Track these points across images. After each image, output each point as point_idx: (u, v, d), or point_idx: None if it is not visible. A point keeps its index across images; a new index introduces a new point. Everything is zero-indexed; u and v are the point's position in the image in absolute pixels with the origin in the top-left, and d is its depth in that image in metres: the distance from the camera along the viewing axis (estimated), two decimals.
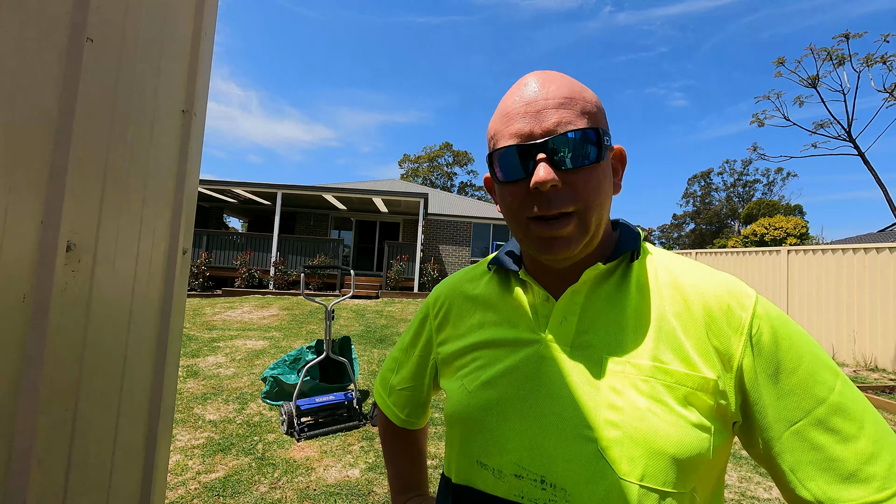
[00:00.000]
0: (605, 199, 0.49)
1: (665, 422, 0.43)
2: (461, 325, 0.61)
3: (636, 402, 0.45)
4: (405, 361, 0.70)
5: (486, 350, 0.55)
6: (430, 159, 49.92)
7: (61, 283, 0.62)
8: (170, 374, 0.98)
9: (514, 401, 0.50)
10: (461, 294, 0.63)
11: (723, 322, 0.46)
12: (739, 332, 0.45)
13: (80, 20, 0.62)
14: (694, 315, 0.47)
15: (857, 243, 7.57)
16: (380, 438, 0.78)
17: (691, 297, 0.49)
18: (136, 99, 0.78)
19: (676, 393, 0.44)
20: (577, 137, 0.46)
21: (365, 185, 19.09)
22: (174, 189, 0.95)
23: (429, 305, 0.68)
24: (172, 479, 2.42)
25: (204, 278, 11.13)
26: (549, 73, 0.50)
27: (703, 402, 0.44)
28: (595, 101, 0.50)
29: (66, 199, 0.61)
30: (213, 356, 5.05)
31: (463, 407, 0.54)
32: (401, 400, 0.70)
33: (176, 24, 0.90)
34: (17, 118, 0.54)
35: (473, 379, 0.54)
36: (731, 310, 0.46)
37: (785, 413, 0.43)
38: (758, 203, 38.25)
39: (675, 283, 0.51)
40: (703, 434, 0.43)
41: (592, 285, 0.52)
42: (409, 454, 0.75)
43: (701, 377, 0.44)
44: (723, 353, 0.45)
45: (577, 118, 0.47)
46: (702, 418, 0.44)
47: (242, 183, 12.34)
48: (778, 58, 8.87)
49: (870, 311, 5.89)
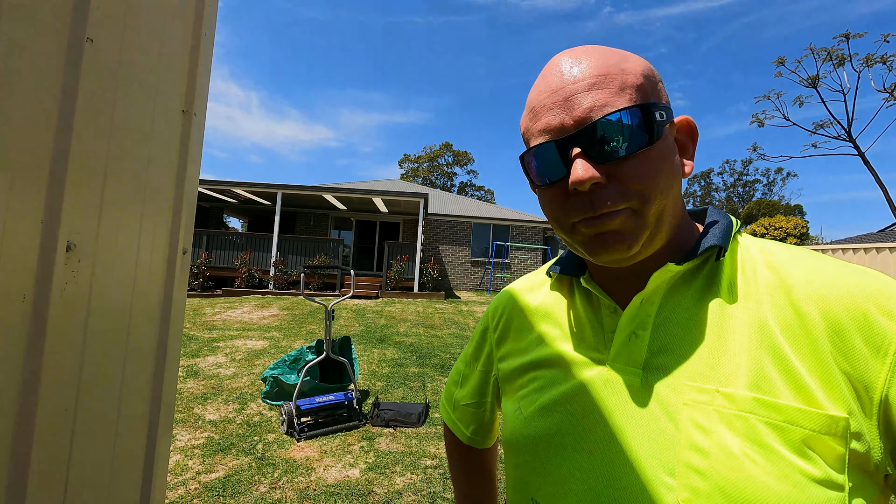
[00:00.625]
0: (667, 185, 0.40)
1: (768, 473, 0.33)
2: (521, 340, 0.54)
3: (728, 444, 0.34)
4: (469, 375, 0.63)
5: (545, 370, 0.48)
6: (430, 159, 49.93)
7: (61, 283, 0.62)
8: (170, 375, 0.98)
9: (575, 433, 0.43)
10: (521, 305, 0.56)
11: (855, 336, 0.34)
12: (884, 350, 0.33)
13: (80, 20, 0.62)
14: (809, 328, 0.36)
15: (857, 243, 7.57)
16: (447, 454, 0.71)
17: (806, 303, 0.37)
18: (136, 99, 0.78)
19: (788, 436, 0.33)
20: (616, 121, 0.38)
21: (365, 185, 19.09)
22: (174, 189, 0.95)
23: (488, 317, 0.61)
24: (172, 479, 2.42)
25: (204, 278, 11.12)
26: (581, 50, 0.42)
27: (831, 450, 0.33)
28: (640, 71, 0.41)
29: (66, 199, 0.61)
30: (213, 356, 5.04)
31: (518, 434, 0.48)
32: (466, 416, 0.64)
33: (176, 24, 0.90)
34: (16, 118, 0.54)
35: (530, 402, 0.48)
36: (870, 318, 0.34)
37: None
38: (758, 203, 38.26)
39: (783, 282, 0.39)
40: (829, 492, 0.32)
41: (667, 292, 0.43)
42: (477, 474, 0.68)
43: (824, 415, 0.33)
44: (856, 381, 0.34)
45: (615, 97, 0.39)
46: (829, 471, 0.32)
47: (242, 183, 12.33)
48: (778, 58, 8.88)
49: None
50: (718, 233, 0.43)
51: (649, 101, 0.40)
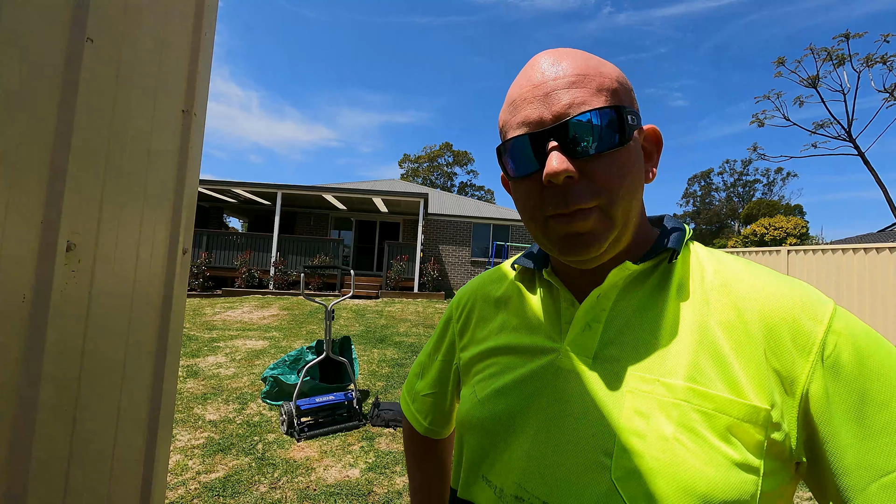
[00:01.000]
0: (633, 187, 0.42)
1: (695, 456, 0.36)
2: (482, 329, 0.56)
3: (663, 429, 0.38)
4: (429, 366, 0.66)
5: (502, 356, 0.50)
6: (430, 159, 49.93)
7: (61, 283, 0.62)
8: (170, 374, 0.98)
9: (525, 415, 0.45)
10: (484, 296, 0.59)
11: (786, 338, 0.38)
12: (808, 350, 0.37)
13: (80, 20, 0.62)
14: (748, 329, 0.39)
15: (857, 243, 7.57)
16: (404, 448, 0.74)
17: (746, 307, 0.40)
18: (136, 99, 0.78)
19: (715, 422, 0.37)
20: (593, 119, 0.40)
21: (365, 185, 19.09)
22: (174, 189, 0.95)
23: (452, 308, 0.64)
24: (172, 479, 2.42)
25: (204, 278, 11.12)
26: (561, 50, 0.44)
27: (751, 437, 0.36)
28: (616, 76, 0.43)
29: (66, 199, 0.61)
30: (213, 356, 5.04)
31: (471, 416, 0.50)
32: (424, 406, 0.66)
33: (176, 23, 0.90)
34: (17, 118, 0.54)
35: (485, 387, 0.50)
36: (799, 323, 0.38)
37: (872, 458, 0.34)
38: (758, 203, 38.27)
39: (727, 288, 0.42)
40: (746, 475, 0.35)
41: (623, 289, 0.45)
42: (432, 465, 0.71)
43: (748, 405, 0.37)
44: (784, 377, 0.37)
45: (592, 97, 0.40)
46: (747, 455, 0.36)
47: (242, 183, 12.33)
48: (778, 58, 8.88)
49: (870, 311, 5.88)
50: (674, 238, 0.46)
51: (623, 105, 0.42)
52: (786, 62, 8.87)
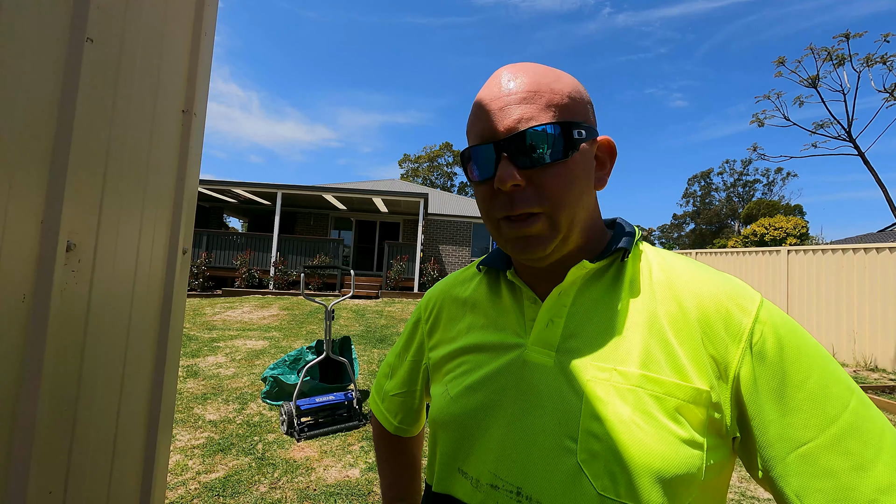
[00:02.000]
0: (578, 196, 0.46)
1: (650, 436, 0.40)
2: (451, 329, 0.59)
3: (620, 412, 0.41)
4: (398, 366, 0.68)
5: (472, 355, 0.53)
6: (430, 159, 49.95)
7: (61, 283, 0.62)
8: (170, 374, 0.98)
9: (496, 408, 0.48)
10: (452, 297, 0.62)
11: (720, 327, 0.42)
12: (738, 338, 0.41)
13: (80, 20, 0.62)
14: (688, 319, 0.44)
15: (857, 243, 7.57)
16: (374, 446, 0.76)
17: (686, 299, 0.45)
18: (136, 99, 0.78)
19: (665, 405, 0.41)
20: (539, 134, 0.44)
21: (365, 185, 19.09)
22: (174, 189, 0.95)
23: (420, 309, 0.66)
24: (172, 479, 2.42)
25: (204, 278, 11.13)
26: (519, 66, 0.48)
27: (695, 416, 0.41)
28: (567, 92, 0.47)
29: (66, 199, 0.61)
30: (213, 356, 5.05)
31: (444, 412, 0.52)
32: (394, 406, 0.68)
33: (176, 24, 0.90)
34: (17, 118, 0.54)
35: (457, 384, 0.52)
36: (730, 314, 0.43)
37: (790, 432, 0.39)
38: (758, 203, 38.27)
39: (670, 283, 0.47)
40: (693, 451, 0.40)
41: (581, 286, 0.49)
42: (403, 463, 0.73)
43: (693, 388, 0.41)
44: (719, 362, 0.42)
45: (540, 112, 0.45)
46: (693, 433, 0.40)
47: (242, 183, 12.33)
48: (778, 57, 8.87)
49: (870, 311, 5.89)
50: (625, 239, 0.51)
51: (570, 120, 0.46)
52: (786, 62, 8.87)
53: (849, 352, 6.08)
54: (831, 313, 6.37)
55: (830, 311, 6.38)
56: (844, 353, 6.13)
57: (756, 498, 2.44)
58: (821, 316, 6.52)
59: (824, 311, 6.47)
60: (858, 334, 5.99)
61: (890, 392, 4.53)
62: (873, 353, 5.80)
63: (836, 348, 6.25)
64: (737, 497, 2.45)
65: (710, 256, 9.06)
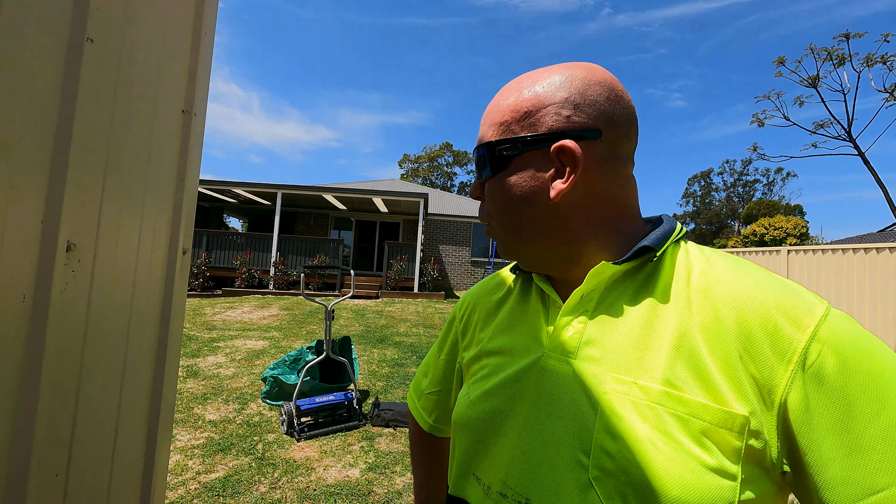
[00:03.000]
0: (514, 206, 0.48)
1: (668, 459, 0.36)
2: (481, 331, 0.58)
3: (637, 430, 0.38)
4: (433, 365, 0.69)
5: (493, 358, 0.52)
6: (430, 159, 49.93)
7: (61, 283, 0.62)
8: (170, 375, 0.98)
9: (511, 414, 0.47)
10: (484, 299, 0.62)
11: (764, 343, 0.37)
12: (787, 357, 0.36)
13: (80, 20, 0.62)
14: (725, 331, 0.39)
15: (857, 243, 7.56)
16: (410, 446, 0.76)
17: (723, 308, 0.40)
18: (136, 99, 0.78)
19: (689, 426, 0.37)
20: (478, 153, 0.50)
21: (365, 185, 19.09)
22: (174, 189, 0.95)
23: (456, 310, 0.67)
24: (172, 479, 2.42)
25: (204, 278, 11.12)
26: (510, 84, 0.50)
27: (727, 442, 0.36)
28: (514, 107, 0.47)
29: (66, 199, 0.61)
30: (213, 356, 5.04)
31: (463, 415, 0.51)
32: (429, 404, 0.68)
33: (176, 24, 0.90)
34: (17, 118, 0.54)
35: (477, 388, 0.52)
36: (778, 328, 0.37)
37: (859, 474, 0.33)
38: (758, 203, 38.24)
39: (709, 289, 0.42)
40: (722, 481, 0.35)
41: (605, 290, 0.46)
42: (435, 463, 0.72)
43: (724, 411, 0.36)
44: (761, 384, 0.36)
45: (489, 131, 0.49)
46: (723, 461, 0.35)
47: (242, 183, 12.33)
48: (778, 57, 8.88)
49: (870, 312, 5.88)
50: (654, 236, 0.46)
51: (501, 138, 0.48)
52: (786, 62, 8.87)
53: None
54: None
55: None
56: None
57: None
58: None
59: None
60: None
61: None
62: None
63: None
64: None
65: None
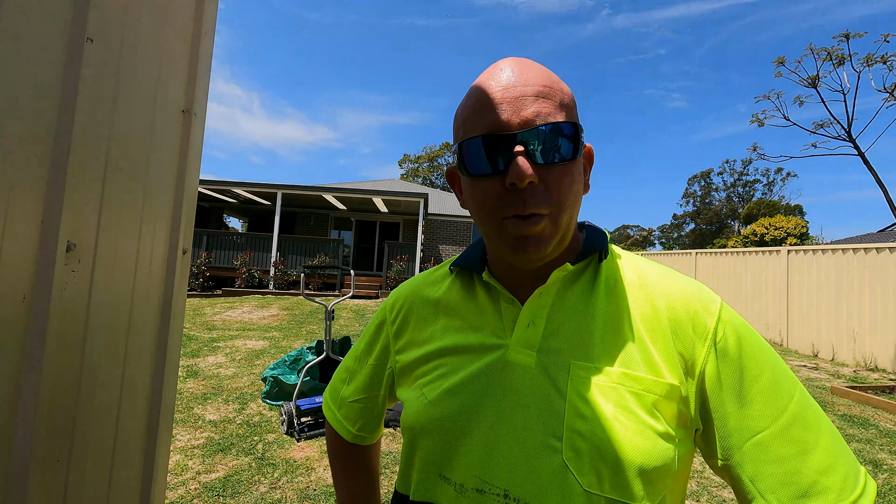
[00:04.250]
0: (577, 198, 0.47)
1: (631, 431, 0.42)
2: (422, 332, 0.56)
3: (603, 409, 0.43)
4: (358, 371, 0.64)
5: (449, 357, 0.52)
6: (430, 159, 49.94)
7: (61, 283, 0.62)
8: (170, 375, 0.98)
9: (478, 410, 0.47)
10: (421, 298, 0.59)
11: (688, 326, 0.45)
12: (704, 336, 0.44)
13: (80, 20, 0.62)
14: (660, 319, 0.46)
15: (857, 243, 7.56)
16: (328, 457, 0.71)
17: (658, 300, 0.47)
18: (136, 99, 0.78)
19: (644, 401, 0.43)
20: (556, 131, 0.42)
21: (365, 185, 19.09)
22: (174, 189, 0.95)
23: (385, 310, 0.63)
24: (172, 479, 2.42)
25: (204, 278, 11.12)
26: (526, 60, 0.47)
27: (669, 410, 0.43)
28: (571, 95, 0.47)
29: (66, 199, 0.61)
30: (213, 356, 5.04)
31: (423, 418, 0.50)
32: (352, 413, 0.64)
33: (176, 24, 0.90)
34: (17, 118, 0.54)
35: (434, 388, 0.50)
36: (697, 314, 0.45)
37: (747, 422, 0.42)
38: (758, 203, 38.23)
39: (643, 284, 0.49)
40: (668, 444, 0.42)
41: (560, 287, 0.50)
42: (361, 473, 0.69)
43: (667, 383, 0.43)
44: (687, 359, 0.44)
45: (556, 110, 0.43)
46: (667, 427, 0.42)
47: (242, 183, 12.33)
48: (778, 57, 8.87)
49: (870, 311, 5.89)
50: (599, 241, 0.52)
51: (577, 122, 0.46)
52: (786, 62, 8.87)
53: (849, 352, 6.07)
54: (831, 313, 6.37)
55: (830, 311, 6.38)
56: (844, 353, 6.13)
57: None
58: (821, 316, 6.52)
59: (824, 311, 6.47)
60: (858, 334, 5.99)
61: (890, 392, 4.52)
62: (873, 353, 5.80)
63: (836, 348, 6.25)
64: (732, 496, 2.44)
65: (711, 256, 9.05)
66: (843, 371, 5.65)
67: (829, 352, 6.32)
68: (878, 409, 4.05)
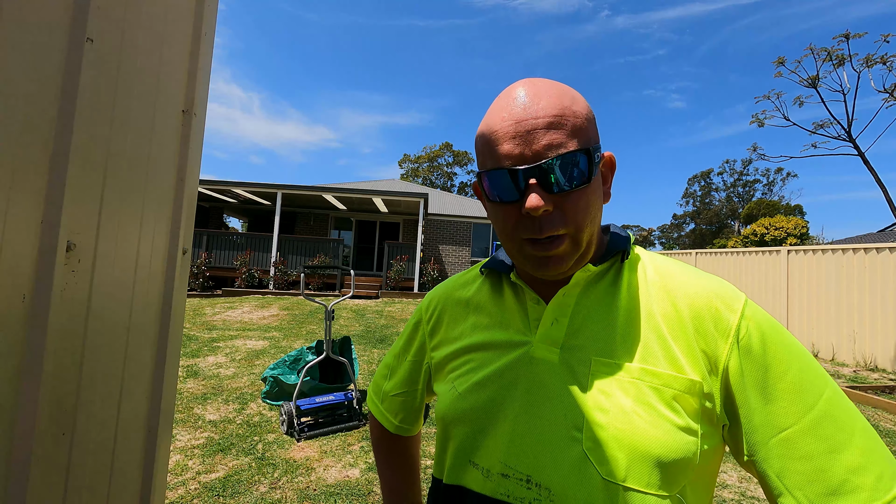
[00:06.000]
0: (595, 214, 0.49)
1: (649, 423, 0.43)
2: (454, 330, 0.61)
3: (622, 403, 0.45)
4: (398, 367, 0.69)
5: (478, 353, 0.56)
6: (430, 159, 49.93)
7: (61, 283, 0.62)
8: (170, 375, 0.98)
9: (504, 402, 0.51)
10: (453, 298, 0.64)
11: (710, 324, 0.46)
12: (726, 334, 0.45)
13: (80, 20, 0.62)
14: (681, 317, 0.48)
15: (857, 243, 7.57)
16: (373, 448, 0.77)
17: (679, 299, 0.49)
18: (136, 99, 0.78)
19: (663, 395, 0.44)
20: (567, 161, 0.45)
21: (365, 185, 19.09)
22: (174, 189, 0.95)
23: (422, 310, 0.68)
24: (172, 479, 2.42)
25: (204, 278, 11.12)
26: (539, 85, 0.48)
27: (690, 405, 0.44)
28: (585, 114, 0.48)
29: (66, 199, 0.61)
30: (213, 356, 5.05)
31: (454, 409, 0.54)
32: (394, 406, 0.69)
33: (176, 24, 0.90)
34: (17, 118, 0.54)
35: (464, 381, 0.55)
36: (719, 312, 0.47)
37: (773, 418, 0.42)
38: (758, 203, 38.22)
39: (664, 284, 0.51)
40: (689, 437, 0.43)
41: (584, 287, 0.53)
42: (403, 463, 0.74)
43: (687, 379, 0.45)
44: (710, 356, 0.45)
45: (567, 139, 0.45)
46: (689, 421, 0.44)
47: (242, 183, 12.33)
48: (778, 58, 8.87)
49: (870, 311, 5.89)
50: (622, 243, 0.54)
51: (591, 145, 0.47)
52: (786, 62, 8.87)
53: (849, 352, 6.07)
54: (831, 313, 6.37)
55: (830, 311, 6.38)
56: (844, 353, 6.13)
57: (756, 498, 2.44)
58: (821, 316, 6.52)
59: (824, 311, 6.47)
60: (858, 334, 5.99)
61: (890, 392, 4.52)
62: (873, 353, 5.80)
63: (836, 348, 6.25)
64: (737, 497, 2.45)
65: (711, 256, 9.05)
66: (843, 371, 5.65)
67: (829, 352, 6.32)
68: (878, 409, 4.05)
